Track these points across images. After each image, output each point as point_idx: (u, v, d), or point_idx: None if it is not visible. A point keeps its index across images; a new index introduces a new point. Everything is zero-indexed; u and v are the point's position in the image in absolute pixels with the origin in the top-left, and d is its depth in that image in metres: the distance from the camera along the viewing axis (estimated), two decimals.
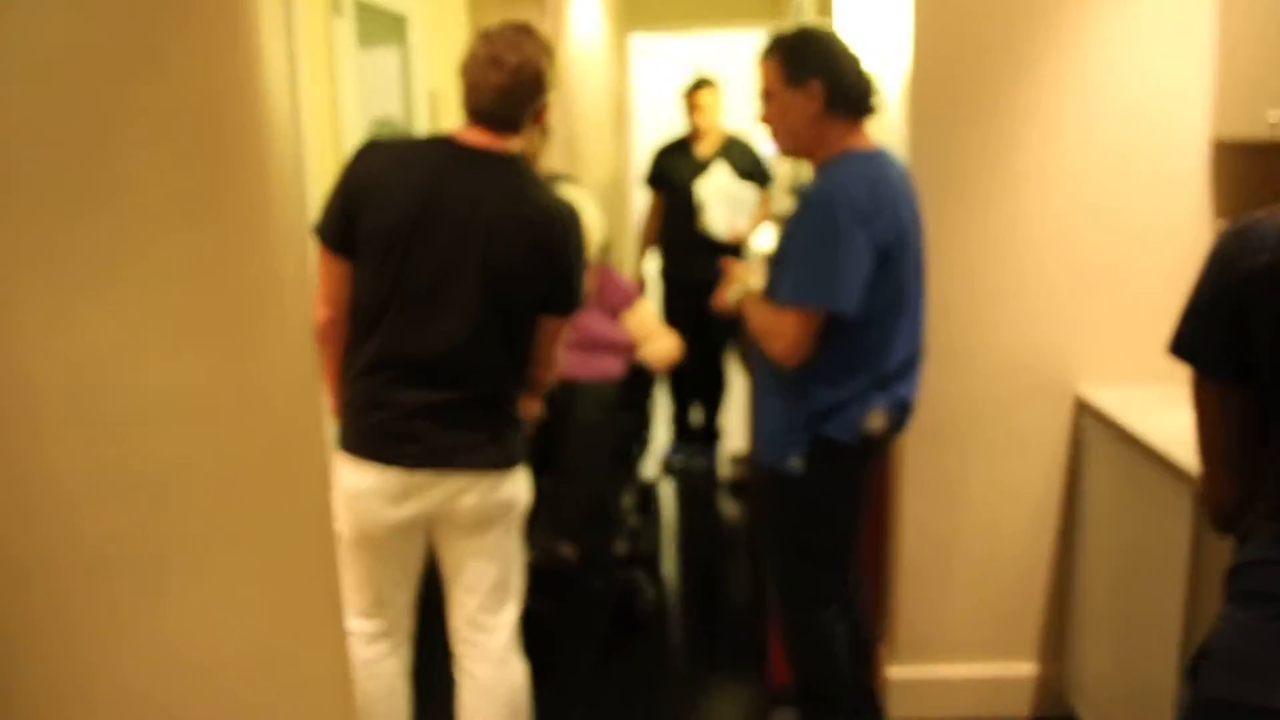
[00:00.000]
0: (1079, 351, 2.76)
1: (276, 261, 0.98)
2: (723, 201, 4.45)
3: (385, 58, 3.84)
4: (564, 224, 2.11)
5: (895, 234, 2.15)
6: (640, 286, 4.62)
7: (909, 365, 2.29)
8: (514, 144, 2.11)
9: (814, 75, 2.19)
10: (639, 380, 3.45)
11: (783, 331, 2.18)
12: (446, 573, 2.26)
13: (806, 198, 2.17)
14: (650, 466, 4.81)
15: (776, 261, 2.23)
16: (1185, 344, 1.51)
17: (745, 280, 2.36)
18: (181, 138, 0.87)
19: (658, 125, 6.94)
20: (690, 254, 4.59)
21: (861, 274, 2.11)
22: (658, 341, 3.56)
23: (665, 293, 4.80)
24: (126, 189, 0.86)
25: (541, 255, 2.08)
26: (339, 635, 1.23)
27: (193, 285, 0.90)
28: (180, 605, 0.99)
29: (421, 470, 2.10)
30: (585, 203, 3.72)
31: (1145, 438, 2.33)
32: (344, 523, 2.15)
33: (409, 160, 2.05)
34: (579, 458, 3.25)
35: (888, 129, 3.16)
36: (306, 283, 1.06)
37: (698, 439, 5.00)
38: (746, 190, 4.53)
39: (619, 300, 3.63)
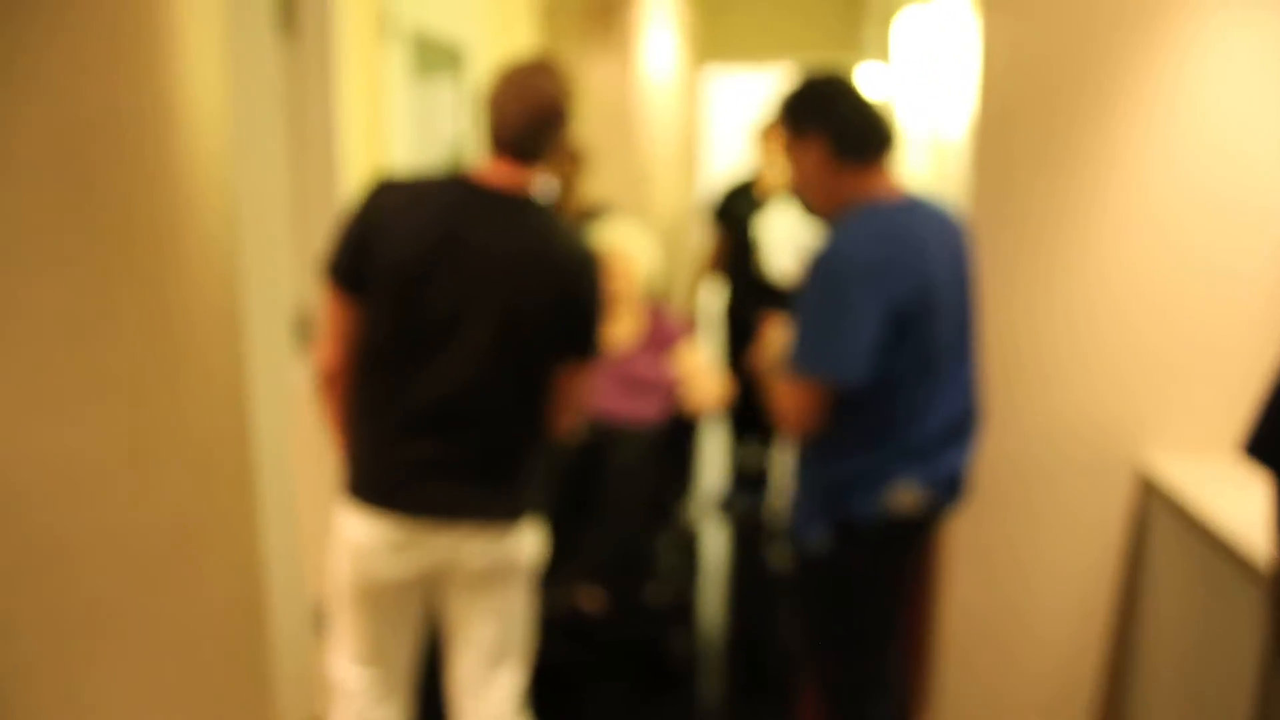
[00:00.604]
0: (1143, 417, 2.55)
1: (191, 314, 0.87)
2: (785, 243, 4.28)
3: (446, 90, 3.78)
4: (584, 268, 2.01)
5: (917, 291, 1.98)
6: (692, 324, 4.48)
7: (952, 434, 2.12)
8: (537, 176, 2.01)
9: (812, 125, 2.06)
10: (682, 423, 3.31)
11: (790, 402, 2.03)
12: (448, 630, 2.15)
13: (814, 257, 2.03)
14: (699, 509, 4.66)
15: (794, 325, 2.09)
16: (1264, 444, 1.31)
17: (778, 340, 2.21)
18: (59, 170, 0.77)
19: (729, 159, 6.82)
20: (751, 294, 4.45)
21: (867, 338, 1.95)
22: (702, 384, 3.42)
23: (728, 331, 4.66)
24: None
25: (559, 301, 1.98)
26: (266, 708, 1.11)
27: (81, 340, 0.79)
28: (97, 682, 0.88)
29: (425, 520, 1.99)
30: (636, 235, 3.61)
31: (1216, 526, 2.12)
32: (345, 572, 2.06)
33: (425, 200, 1.96)
34: (613, 502, 3.12)
35: (950, 174, 3.00)
36: (239, 332, 0.95)
37: (753, 482, 4.84)
38: (805, 232, 4.35)
39: (667, 338, 3.51)
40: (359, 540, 2.02)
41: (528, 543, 2.11)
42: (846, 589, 2.15)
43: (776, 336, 2.21)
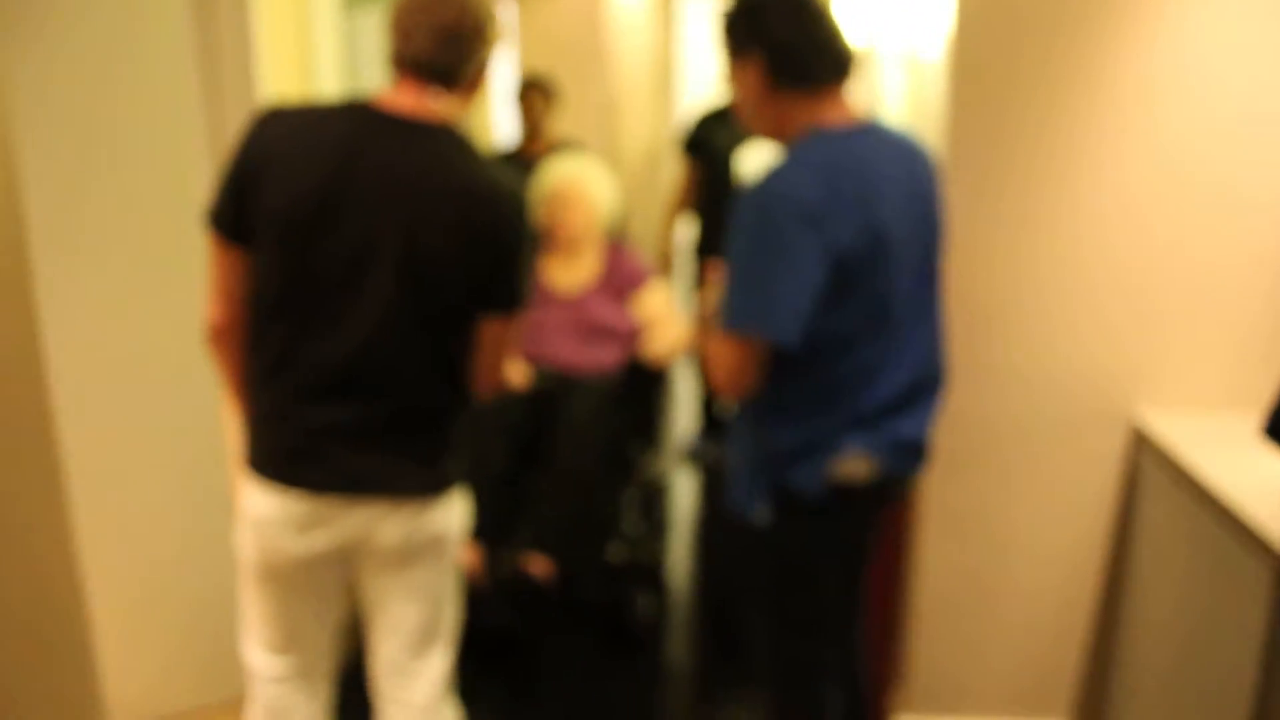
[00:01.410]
0: (1135, 369, 2.33)
1: None
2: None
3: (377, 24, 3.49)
4: (504, 204, 1.76)
5: (868, 233, 1.73)
6: (664, 265, 4.24)
7: (911, 396, 1.89)
8: (448, 105, 1.77)
9: (750, 44, 1.80)
10: (644, 370, 3.08)
11: (718, 361, 1.80)
12: (365, 613, 1.94)
13: (745, 193, 1.77)
14: (667, 461, 4.46)
15: (725, 273, 1.85)
16: None
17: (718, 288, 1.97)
18: None
19: (705, 87, 6.52)
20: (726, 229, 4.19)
21: (807, 290, 1.71)
22: (663, 330, 3.19)
23: (698, 267, 4.40)
24: None
25: (475, 241, 1.74)
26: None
27: None
28: None
29: (330, 496, 1.78)
30: (592, 168, 3.36)
31: (1217, 489, 1.92)
32: (248, 550, 1.85)
33: (315, 130, 1.72)
34: (567, 458, 2.91)
35: (927, 99, 2.74)
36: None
37: (724, 429, 4.63)
38: None
39: (627, 281, 3.27)
40: (259, 517, 1.81)
41: (453, 515, 1.90)
42: (791, 566, 1.94)
43: (718, 284, 1.98)
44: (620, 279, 3.27)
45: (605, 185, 3.35)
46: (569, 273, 3.28)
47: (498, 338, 1.85)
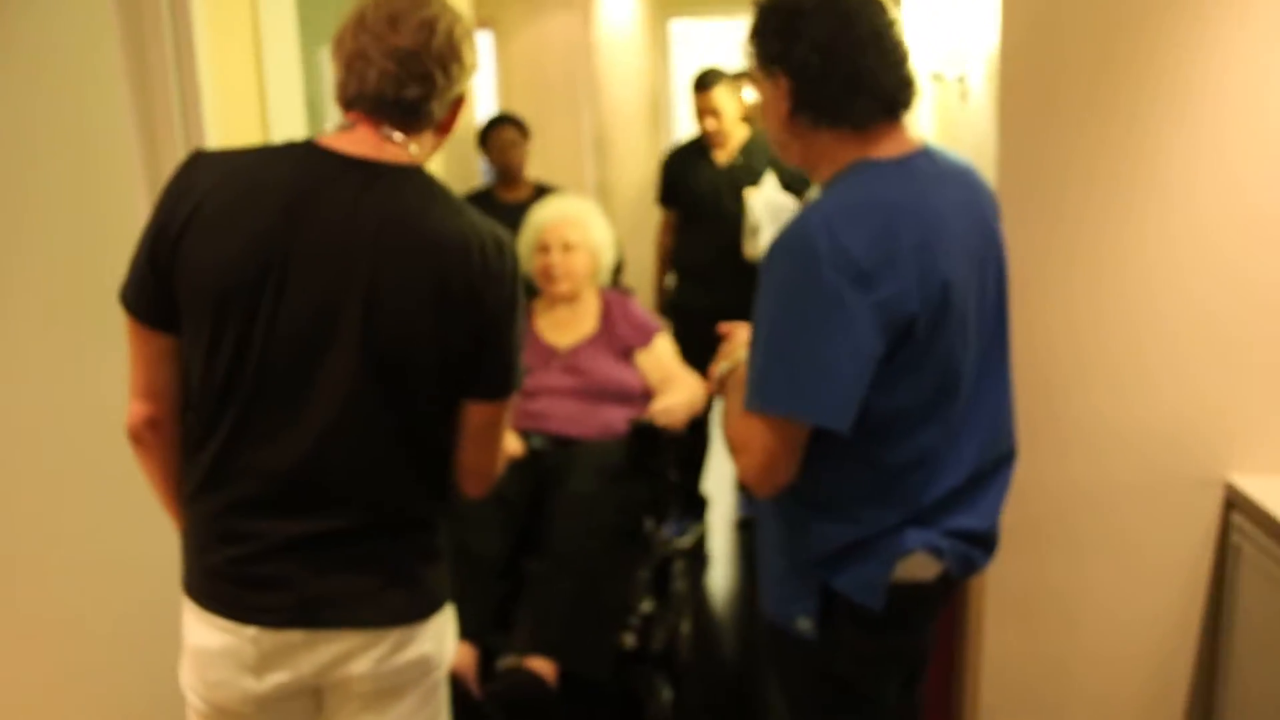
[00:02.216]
0: (1227, 431, 2.03)
1: None
2: (771, 220, 3.63)
3: None
4: (488, 260, 1.45)
5: (931, 287, 1.42)
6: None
7: (982, 478, 1.58)
8: (412, 150, 1.47)
9: (777, 62, 1.48)
10: (654, 434, 2.76)
11: (747, 447, 1.47)
12: None
13: (777, 240, 1.46)
14: (705, 531, 4.11)
15: (753, 338, 1.53)
16: None
17: (737, 354, 1.65)
18: None
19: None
20: (720, 280, 3.79)
21: (859, 361, 1.39)
22: (676, 391, 2.87)
23: (676, 328, 3.80)
24: None
25: (454, 308, 1.43)
26: None
27: None
28: None
29: (289, 630, 1.45)
30: (584, 207, 3.06)
31: None
32: (191, 689, 1.52)
33: (252, 178, 1.41)
34: (569, 539, 2.58)
35: (961, 124, 2.45)
36: None
37: None
38: (788, 204, 3.71)
39: (632, 336, 2.96)
40: (203, 652, 1.49)
41: (444, 637, 1.58)
42: (841, 684, 1.62)
43: (737, 349, 1.66)
44: (624, 332, 2.96)
45: (604, 228, 3.05)
46: (566, 327, 2.97)
47: (487, 425, 1.54)
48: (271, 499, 1.44)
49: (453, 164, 4.00)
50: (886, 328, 1.39)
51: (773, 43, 1.48)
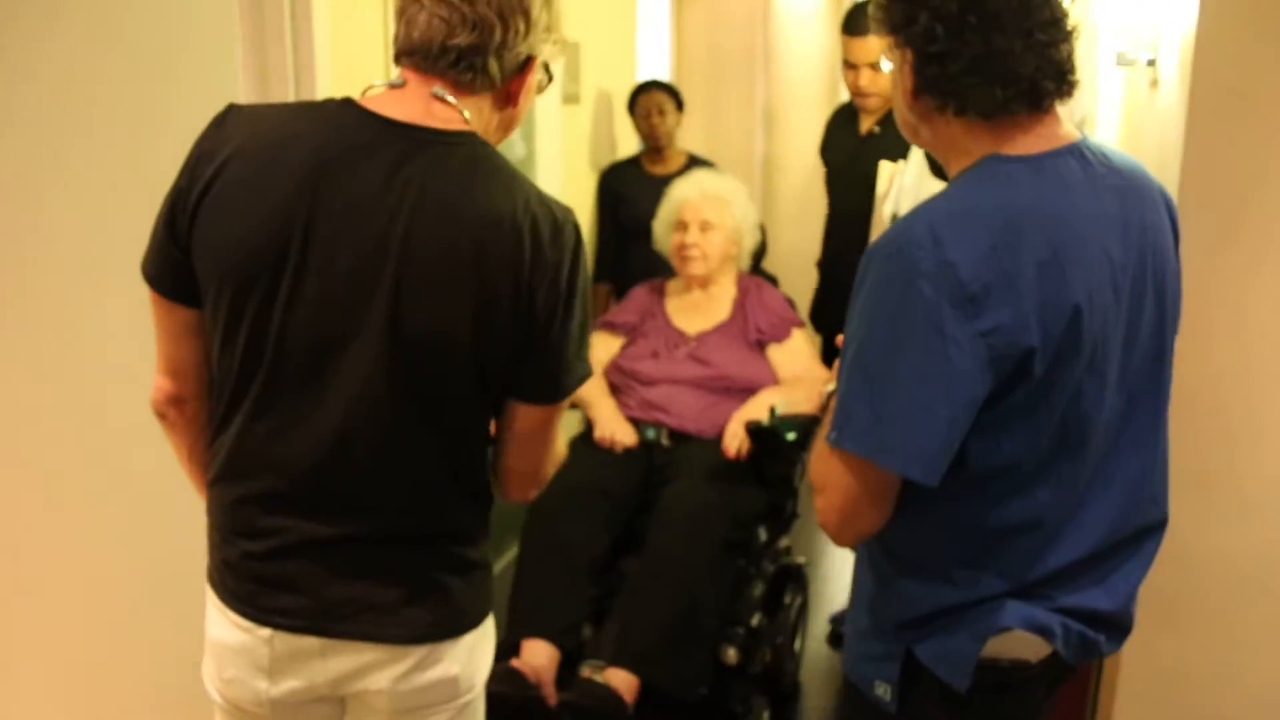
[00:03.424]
0: None
1: None
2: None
3: None
4: (544, 244, 1.25)
5: (1058, 317, 1.15)
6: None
7: (1114, 550, 1.28)
8: (471, 112, 1.28)
9: (900, 33, 1.22)
10: (774, 439, 2.52)
11: (827, 484, 1.23)
12: None
13: (876, 244, 1.21)
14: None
15: (842, 365, 1.27)
16: None
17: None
18: None
19: None
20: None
21: (958, 404, 1.13)
22: (802, 389, 2.62)
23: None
24: None
25: (498, 297, 1.24)
26: None
27: None
28: None
29: (305, 636, 1.31)
30: (738, 190, 2.83)
31: None
32: (210, 682, 1.41)
33: (278, 142, 1.25)
34: (670, 541, 2.38)
35: (1157, 120, 2.09)
36: None
37: None
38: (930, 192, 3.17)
39: (767, 327, 2.73)
40: (218, 642, 1.38)
41: (476, 660, 1.42)
42: None
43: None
44: (758, 322, 2.72)
45: (748, 208, 2.82)
46: (697, 312, 2.76)
47: (535, 430, 1.35)
48: (291, 495, 1.29)
49: (600, 134, 3.82)
50: (995, 362, 1.12)
51: (896, 8, 1.22)
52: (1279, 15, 1.59)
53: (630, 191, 3.58)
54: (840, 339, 1.28)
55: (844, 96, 3.26)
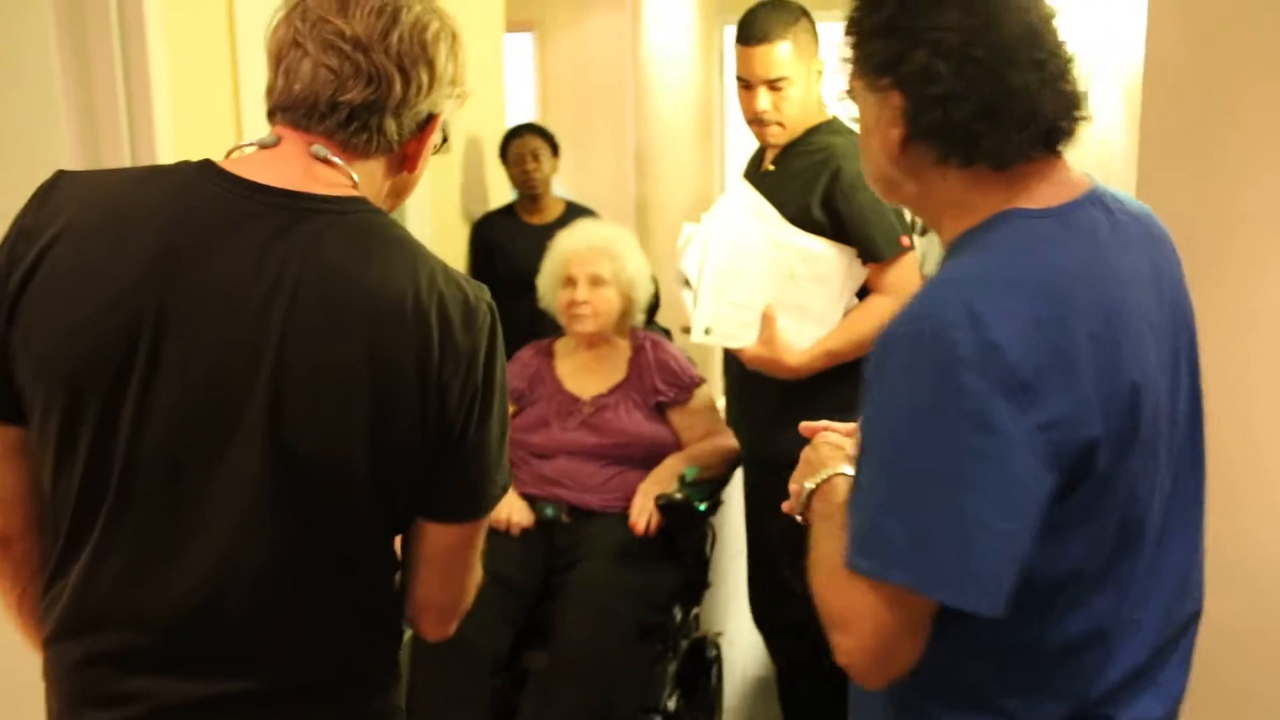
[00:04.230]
0: None
1: None
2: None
3: None
4: (454, 334, 1.05)
5: (1118, 397, 0.99)
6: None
7: (1164, 650, 1.13)
8: (361, 177, 1.08)
9: (886, 73, 1.05)
10: (687, 513, 2.33)
11: (850, 620, 1.01)
12: None
13: (897, 322, 1.03)
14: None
15: (859, 464, 1.08)
16: None
17: (829, 465, 1.18)
18: None
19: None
20: None
21: (1020, 515, 0.95)
22: (708, 452, 2.44)
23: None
24: None
25: (401, 403, 1.03)
26: None
27: None
28: None
29: None
30: (629, 241, 2.66)
31: None
32: None
33: (119, 214, 1.02)
34: (581, 627, 2.17)
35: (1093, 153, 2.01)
36: None
37: None
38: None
39: (665, 388, 2.54)
40: None
41: None
42: None
43: (828, 459, 1.21)
44: (655, 383, 2.54)
45: (639, 260, 2.64)
46: (590, 374, 2.56)
47: (452, 553, 1.14)
48: (153, 651, 1.04)
49: (471, 182, 3.60)
50: (1057, 460, 0.95)
51: (880, 43, 1.04)
52: (1224, 36, 1.51)
53: (506, 243, 3.38)
54: None
55: (725, 132, 3.15)
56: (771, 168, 2.30)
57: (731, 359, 2.33)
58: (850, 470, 1.12)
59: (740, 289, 2.21)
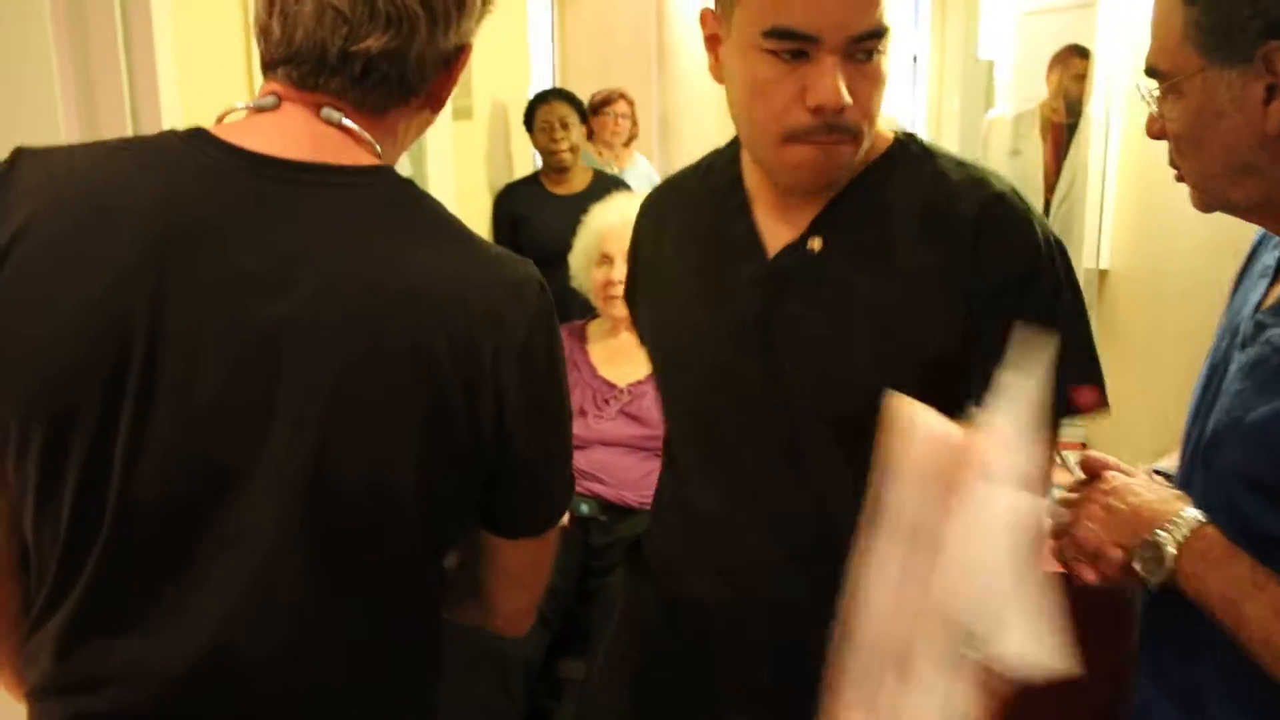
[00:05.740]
0: None
1: None
2: None
3: None
4: (506, 316, 0.88)
5: None
6: None
7: None
8: (376, 136, 0.90)
9: (1269, 37, 0.87)
10: None
11: None
12: None
13: None
14: None
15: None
16: None
17: (1167, 504, 0.96)
18: None
19: None
20: None
21: None
22: None
23: None
24: None
25: (459, 410, 0.87)
26: None
27: None
28: None
29: None
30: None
31: None
32: None
33: (102, 198, 0.85)
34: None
35: None
36: None
37: None
38: None
39: None
40: None
41: None
42: None
43: (1154, 504, 0.97)
44: None
45: None
46: (625, 359, 2.41)
47: (527, 564, 1.03)
48: (154, 713, 0.89)
49: (495, 150, 3.43)
50: None
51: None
52: None
53: (531, 214, 3.21)
54: None
55: None
56: (815, 246, 1.16)
57: None
58: (1197, 512, 0.94)
59: None
